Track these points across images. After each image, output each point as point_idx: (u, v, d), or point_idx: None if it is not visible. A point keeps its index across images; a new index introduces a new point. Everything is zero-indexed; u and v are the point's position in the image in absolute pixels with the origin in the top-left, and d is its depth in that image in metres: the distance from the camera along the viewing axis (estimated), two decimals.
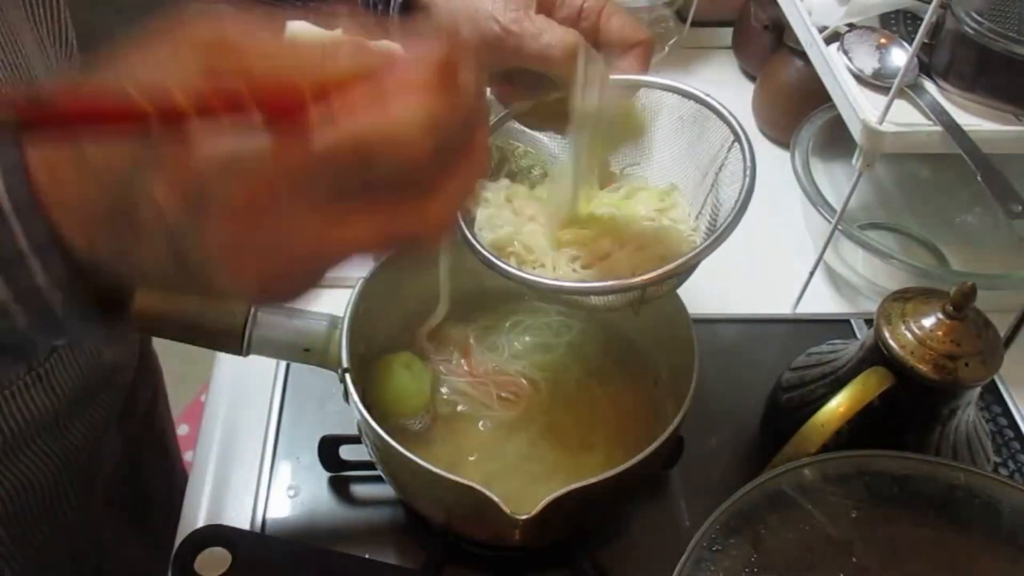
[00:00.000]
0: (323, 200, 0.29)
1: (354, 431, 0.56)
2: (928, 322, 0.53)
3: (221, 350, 0.55)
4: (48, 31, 0.55)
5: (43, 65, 0.54)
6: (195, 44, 0.28)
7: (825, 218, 0.72)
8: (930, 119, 0.62)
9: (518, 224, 0.54)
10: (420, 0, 0.55)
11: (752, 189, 0.53)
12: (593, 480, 0.48)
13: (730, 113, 0.54)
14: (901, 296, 0.56)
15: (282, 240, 0.30)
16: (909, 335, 0.53)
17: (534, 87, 0.54)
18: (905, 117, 0.62)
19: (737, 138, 0.54)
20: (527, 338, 0.64)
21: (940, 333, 0.53)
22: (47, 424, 0.59)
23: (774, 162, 0.91)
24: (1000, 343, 0.54)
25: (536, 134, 0.75)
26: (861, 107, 0.62)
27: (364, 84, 0.29)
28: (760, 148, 0.94)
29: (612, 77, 0.53)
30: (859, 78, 0.65)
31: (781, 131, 0.92)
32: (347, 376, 0.53)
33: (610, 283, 0.49)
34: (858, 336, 0.75)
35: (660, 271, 0.47)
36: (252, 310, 0.54)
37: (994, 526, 0.49)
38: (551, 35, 0.50)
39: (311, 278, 0.32)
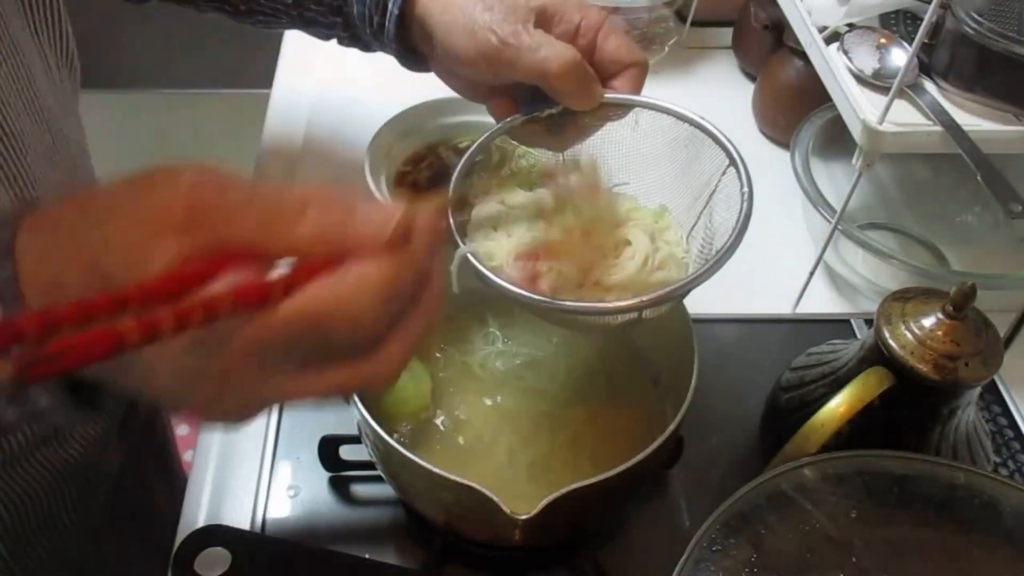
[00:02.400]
0: (285, 363, 0.34)
1: (354, 431, 0.56)
2: (928, 322, 0.53)
3: None
4: (49, 40, 0.56)
5: (44, 75, 0.54)
6: (173, 204, 0.32)
7: (825, 218, 0.72)
8: (930, 119, 0.62)
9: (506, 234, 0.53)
10: (416, 13, 0.55)
11: (749, 215, 0.53)
12: (593, 480, 0.48)
13: (726, 138, 0.55)
14: (901, 296, 0.56)
15: (248, 394, 0.34)
16: (909, 335, 0.53)
17: (529, 102, 0.54)
18: (905, 117, 0.62)
19: (733, 162, 0.54)
20: (527, 337, 0.64)
21: (940, 333, 0.53)
22: (46, 438, 0.59)
23: (774, 162, 0.91)
24: (1000, 343, 0.54)
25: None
26: (861, 107, 0.62)
27: (324, 247, 0.33)
28: (760, 148, 0.94)
29: (607, 95, 0.53)
30: (859, 78, 0.65)
31: (781, 131, 0.92)
32: None
33: (607, 305, 0.49)
34: (858, 336, 0.75)
35: (657, 294, 0.48)
36: None
37: (994, 526, 0.49)
38: (548, 49, 0.50)
39: (268, 409, 0.36)
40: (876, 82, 0.64)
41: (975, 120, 0.62)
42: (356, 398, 0.52)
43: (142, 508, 0.79)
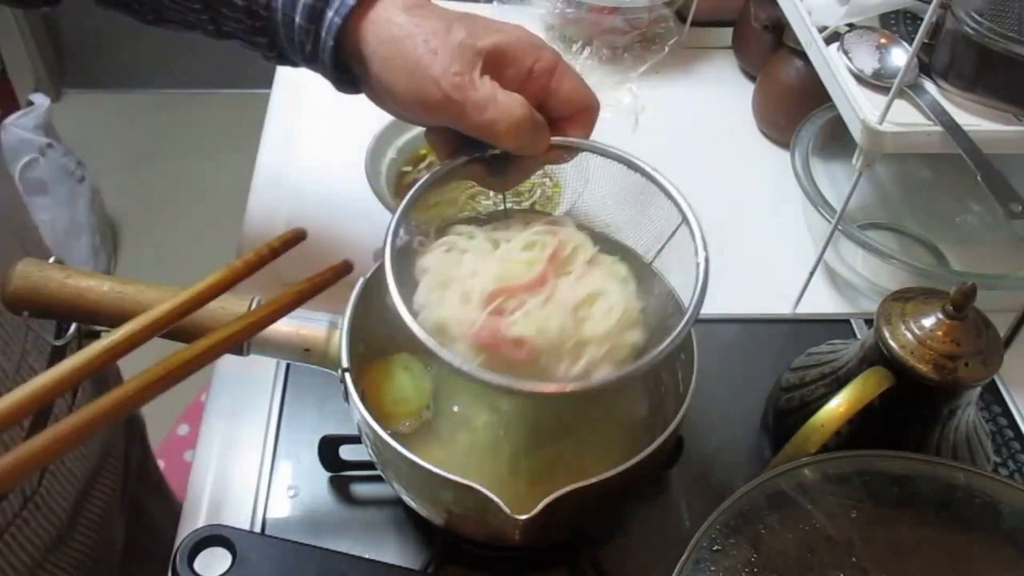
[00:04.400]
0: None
1: (354, 431, 0.56)
2: (928, 322, 0.53)
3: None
4: None
5: None
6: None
7: (825, 218, 0.72)
8: (930, 119, 0.62)
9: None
10: (351, 43, 0.51)
11: (705, 288, 0.49)
12: (593, 480, 0.48)
13: (679, 192, 0.52)
14: (901, 296, 0.56)
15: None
16: (909, 335, 0.53)
17: (471, 141, 0.51)
18: (905, 117, 0.62)
19: (685, 220, 0.51)
20: None
21: (940, 333, 0.53)
22: (51, 545, 0.60)
23: (774, 162, 0.92)
24: (1000, 343, 0.54)
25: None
26: (861, 107, 0.62)
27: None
28: (760, 148, 0.94)
29: (554, 139, 0.51)
30: (859, 78, 0.65)
31: (781, 131, 0.92)
32: (347, 376, 0.53)
33: (548, 386, 0.47)
34: (858, 336, 0.75)
35: (615, 376, 0.47)
36: (252, 309, 0.54)
37: (994, 526, 0.49)
38: (495, 109, 0.47)
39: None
40: (876, 82, 0.64)
41: (975, 120, 0.62)
42: (356, 399, 0.52)
43: (146, 542, 0.79)
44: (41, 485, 0.59)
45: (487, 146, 0.50)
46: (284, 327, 0.55)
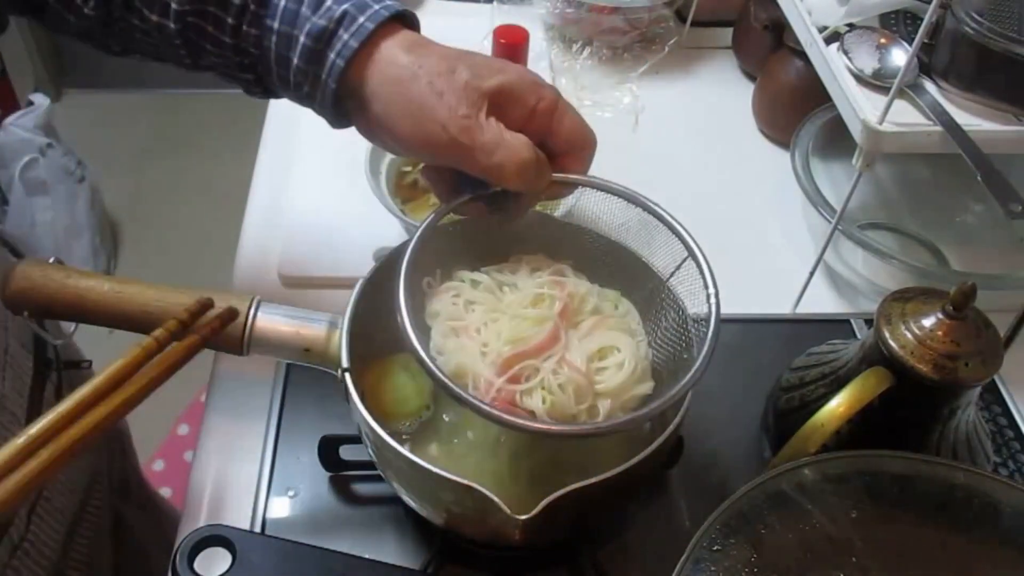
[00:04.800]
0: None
1: (354, 431, 0.56)
2: (928, 322, 0.53)
3: (221, 350, 0.55)
4: None
5: None
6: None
7: (825, 218, 0.73)
8: (930, 119, 0.62)
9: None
10: (352, 91, 0.51)
11: (719, 326, 0.50)
12: (593, 480, 0.48)
13: (684, 228, 0.52)
14: (901, 296, 0.56)
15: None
16: (909, 335, 0.53)
17: (468, 182, 0.51)
18: (905, 117, 0.62)
19: (692, 255, 0.52)
20: None
21: (940, 333, 0.53)
22: None
23: (774, 162, 0.92)
24: (1000, 343, 0.54)
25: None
26: (861, 107, 0.62)
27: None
28: (760, 148, 0.94)
29: (555, 176, 0.51)
30: (859, 78, 0.65)
31: (781, 131, 0.92)
32: (347, 376, 0.53)
33: (570, 428, 0.49)
34: (858, 336, 0.75)
35: (626, 419, 0.49)
36: (252, 309, 0.54)
37: (994, 526, 0.49)
38: (504, 152, 0.47)
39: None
40: (876, 82, 0.64)
41: (975, 120, 0.62)
42: (356, 399, 0.52)
43: (136, 555, 0.79)
44: (29, 531, 0.58)
45: (485, 187, 0.51)
46: (284, 327, 0.55)
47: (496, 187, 0.50)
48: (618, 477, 0.48)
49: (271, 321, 0.54)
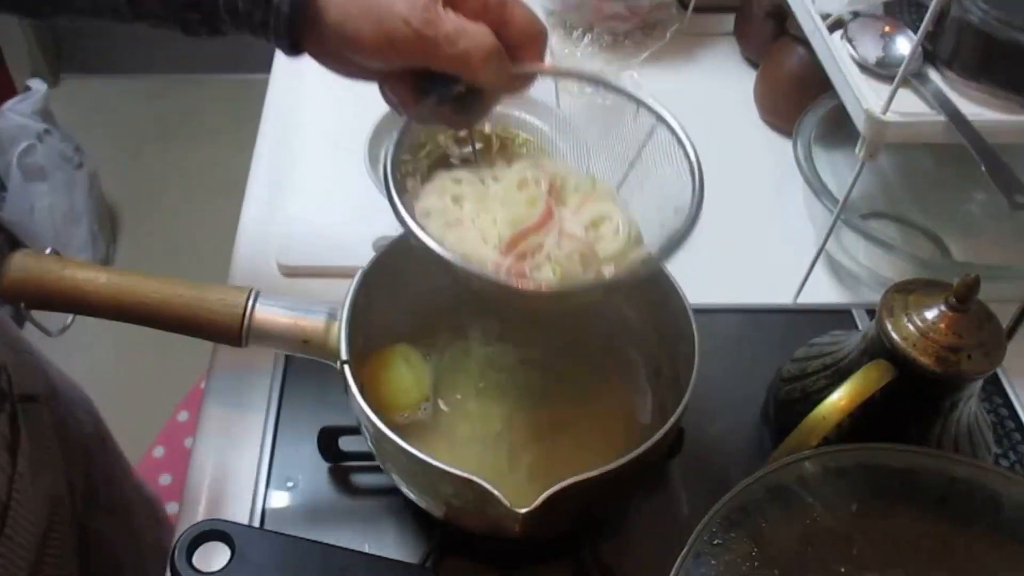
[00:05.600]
0: None
1: (354, 422, 0.56)
2: (931, 314, 0.53)
3: (220, 341, 0.54)
4: None
5: None
6: None
7: (827, 208, 0.72)
8: (934, 108, 0.61)
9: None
10: (307, 5, 0.50)
11: (703, 187, 0.53)
12: (594, 473, 0.48)
13: (649, 97, 0.55)
14: (904, 288, 0.55)
15: None
16: (912, 327, 0.53)
17: (427, 79, 0.51)
18: (909, 106, 0.61)
19: (667, 126, 0.54)
20: (527, 333, 0.64)
21: (943, 326, 0.52)
22: None
23: (776, 150, 0.91)
24: (1003, 335, 0.53)
25: (533, 120, 0.75)
26: (865, 96, 0.62)
27: None
28: (762, 136, 0.93)
29: (515, 68, 0.51)
30: (862, 67, 0.64)
31: (783, 119, 0.91)
32: (346, 368, 0.52)
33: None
34: (859, 327, 0.74)
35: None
36: (250, 301, 0.54)
37: (995, 519, 0.49)
38: (468, 39, 0.48)
39: None
40: (880, 71, 0.64)
41: (979, 110, 0.62)
42: (355, 391, 0.52)
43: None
44: None
45: (448, 86, 0.51)
46: (283, 318, 0.54)
47: (460, 86, 0.51)
48: (619, 470, 0.48)
49: (269, 313, 0.54)
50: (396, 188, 0.49)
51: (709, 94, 0.97)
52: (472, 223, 0.52)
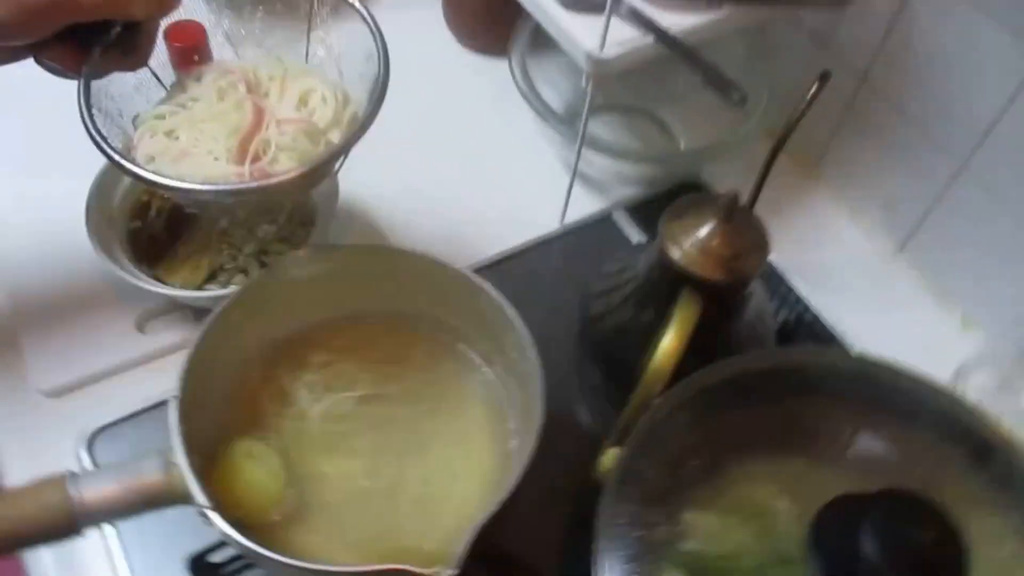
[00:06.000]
0: None
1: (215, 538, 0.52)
2: (705, 232, 0.58)
3: (54, 543, 0.48)
4: None
5: None
6: None
7: (558, 133, 0.74)
8: (641, 30, 0.64)
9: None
10: None
11: (387, 69, 0.58)
12: (494, 509, 0.48)
13: None
14: (675, 214, 0.59)
15: None
16: (695, 251, 0.57)
17: (82, 32, 0.51)
18: (621, 35, 0.63)
19: None
20: (352, 372, 0.62)
21: (717, 241, 0.57)
22: None
23: (483, 73, 0.90)
24: (764, 229, 0.59)
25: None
26: (581, 39, 0.63)
27: None
28: (464, 62, 0.92)
29: None
30: (566, 6, 0.65)
31: (481, 40, 0.91)
32: (210, 514, 0.48)
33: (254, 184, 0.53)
34: (623, 230, 0.79)
35: (305, 168, 0.53)
36: (71, 489, 0.47)
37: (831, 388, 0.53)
38: None
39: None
40: (579, 3, 0.65)
41: (677, 19, 0.65)
42: (228, 528, 0.48)
43: None
44: None
45: (106, 33, 0.52)
46: (110, 490, 0.48)
47: (116, 27, 0.52)
48: (514, 494, 0.50)
49: (96, 491, 0.48)
50: (116, 152, 0.51)
51: (399, 30, 0.94)
52: (196, 148, 0.54)
